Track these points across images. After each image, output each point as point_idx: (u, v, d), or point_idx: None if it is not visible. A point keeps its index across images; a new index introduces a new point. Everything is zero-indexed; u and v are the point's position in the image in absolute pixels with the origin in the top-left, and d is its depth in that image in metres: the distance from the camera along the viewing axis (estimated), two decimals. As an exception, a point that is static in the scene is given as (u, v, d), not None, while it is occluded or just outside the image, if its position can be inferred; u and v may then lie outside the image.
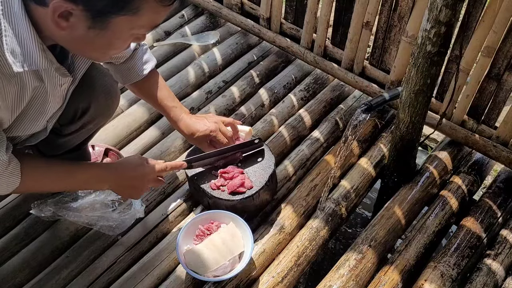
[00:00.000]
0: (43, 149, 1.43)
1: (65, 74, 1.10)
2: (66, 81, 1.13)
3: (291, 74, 2.07)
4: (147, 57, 1.44)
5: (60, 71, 1.07)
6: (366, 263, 1.49)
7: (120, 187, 1.34)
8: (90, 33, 0.94)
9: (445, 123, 1.74)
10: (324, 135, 1.85)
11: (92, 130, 1.44)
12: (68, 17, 0.91)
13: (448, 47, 1.34)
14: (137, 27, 0.97)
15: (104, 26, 0.93)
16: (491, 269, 1.49)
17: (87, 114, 1.32)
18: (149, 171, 1.34)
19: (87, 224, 1.50)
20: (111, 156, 1.68)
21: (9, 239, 1.52)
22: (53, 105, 1.16)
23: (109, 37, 0.96)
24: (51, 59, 1.02)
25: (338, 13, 1.85)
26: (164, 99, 1.48)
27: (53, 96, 1.12)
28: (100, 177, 1.30)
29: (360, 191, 1.70)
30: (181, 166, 1.44)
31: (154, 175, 1.36)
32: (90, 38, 0.96)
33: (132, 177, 1.33)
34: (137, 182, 1.34)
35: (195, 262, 1.39)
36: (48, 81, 1.07)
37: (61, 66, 1.07)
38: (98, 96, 1.31)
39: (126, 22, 0.94)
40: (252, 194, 1.50)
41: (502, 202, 1.66)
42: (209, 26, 2.27)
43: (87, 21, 0.92)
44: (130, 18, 0.93)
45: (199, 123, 1.50)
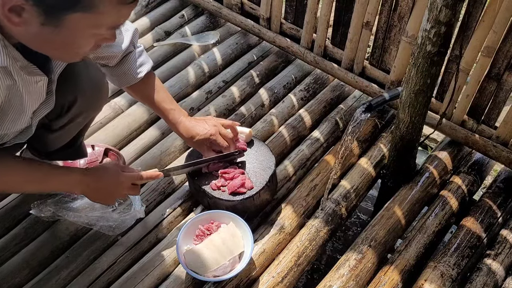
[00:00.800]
0: (38, 147, 1.43)
1: (33, 72, 1.07)
2: (41, 79, 1.10)
3: (291, 74, 2.07)
4: (142, 59, 1.44)
5: (27, 69, 1.04)
6: (366, 263, 1.49)
7: (92, 192, 1.33)
8: (45, 30, 0.91)
9: (445, 123, 1.74)
10: (324, 135, 1.85)
11: (82, 123, 1.41)
12: (21, 12, 0.88)
13: (448, 47, 1.34)
14: (95, 25, 0.94)
15: (59, 23, 0.91)
16: (491, 269, 1.49)
17: (74, 107, 1.30)
18: (124, 179, 1.34)
19: (87, 224, 1.50)
20: (111, 156, 1.68)
21: (9, 239, 1.52)
22: (31, 103, 1.14)
23: (66, 35, 0.94)
24: (15, 56, 0.99)
25: (338, 13, 1.85)
26: (162, 101, 1.48)
27: (28, 93, 1.10)
28: (74, 181, 1.29)
29: (360, 191, 1.70)
30: (157, 176, 1.42)
31: (128, 183, 1.36)
32: (46, 36, 0.93)
33: (105, 183, 1.33)
34: (112, 188, 1.34)
35: (195, 262, 1.39)
36: (19, 79, 1.04)
37: (29, 64, 1.04)
38: (84, 88, 1.29)
39: (81, 19, 0.91)
40: (252, 194, 1.50)
41: (502, 202, 1.66)
42: (209, 26, 2.27)
43: (39, 17, 0.89)
44: (86, 16, 0.91)
45: (199, 126, 1.50)
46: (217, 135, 1.51)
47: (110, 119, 1.87)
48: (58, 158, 1.52)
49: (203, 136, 1.49)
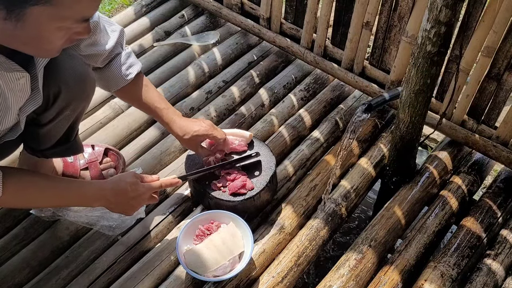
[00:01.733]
0: (32, 145, 1.41)
1: (11, 68, 1.05)
2: (23, 76, 1.09)
3: (291, 74, 2.07)
4: (131, 61, 1.43)
5: (4, 65, 1.03)
6: (366, 263, 1.49)
7: (114, 205, 1.33)
8: (8, 25, 0.90)
9: (445, 123, 1.74)
10: (324, 135, 1.85)
11: (72, 116, 1.38)
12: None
13: (448, 47, 1.34)
14: (59, 18, 0.93)
15: (20, 17, 0.90)
16: (491, 269, 1.49)
17: (59, 98, 1.28)
18: (144, 190, 1.34)
19: (87, 224, 1.50)
20: (111, 156, 1.68)
21: (9, 239, 1.52)
22: (16, 100, 1.13)
23: (30, 29, 0.93)
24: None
25: (338, 13, 1.85)
26: (155, 101, 1.47)
27: (10, 91, 1.09)
28: (95, 197, 1.30)
29: (360, 191, 1.70)
30: (176, 183, 1.43)
31: (149, 194, 1.36)
32: (11, 31, 0.92)
33: (128, 197, 1.33)
34: (133, 201, 1.34)
35: (195, 262, 1.39)
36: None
37: (6, 60, 1.03)
38: (67, 79, 1.27)
39: (42, 12, 0.90)
40: (253, 195, 1.50)
41: (502, 202, 1.66)
42: (209, 26, 2.27)
43: (0, 11, 0.88)
44: (46, 8, 0.89)
45: (193, 124, 1.50)
46: (212, 130, 1.51)
47: (110, 119, 1.87)
48: (55, 155, 1.49)
49: (197, 133, 1.48)
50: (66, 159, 1.62)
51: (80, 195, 1.30)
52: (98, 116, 1.86)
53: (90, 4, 0.95)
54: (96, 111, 1.87)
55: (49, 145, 1.41)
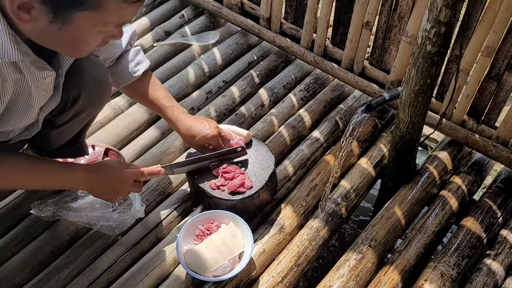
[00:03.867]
0: (39, 144, 1.43)
1: (43, 67, 1.08)
2: (50, 75, 1.12)
3: (291, 74, 2.07)
4: (139, 58, 1.44)
5: (36, 64, 1.06)
6: (366, 263, 1.49)
7: (96, 189, 1.33)
8: (53, 27, 0.93)
9: (445, 123, 1.74)
10: (324, 135, 1.85)
11: (85, 120, 1.42)
12: (30, 9, 0.90)
13: (448, 47, 1.34)
14: (102, 23, 0.96)
15: (66, 21, 0.92)
16: (491, 269, 1.49)
17: (78, 102, 1.31)
18: (128, 176, 1.35)
19: (87, 224, 1.50)
20: (111, 156, 1.68)
21: (9, 239, 1.52)
22: (39, 98, 1.15)
23: (74, 32, 0.95)
24: (26, 51, 1.01)
25: (338, 13, 1.85)
26: (161, 98, 1.47)
27: (36, 89, 1.11)
28: (81, 179, 1.30)
29: (360, 191, 1.70)
30: (158, 172, 1.43)
31: (131, 180, 1.36)
32: (54, 33, 0.95)
33: (111, 181, 1.34)
34: (116, 186, 1.35)
35: (195, 262, 1.39)
36: (28, 74, 1.06)
37: (39, 59, 1.06)
38: (88, 84, 1.30)
39: (89, 17, 0.93)
40: (252, 194, 1.50)
41: (502, 202, 1.66)
42: (209, 26, 2.27)
43: (48, 15, 0.91)
44: (93, 14, 0.92)
45: (200, 126, 1.49)
46: (218, 136, 1.51)
47: (110, 119, 1.87)
48: (60, 156, 1.52)
49: (204, 136, 1.48)
50: (67, 158, 1.62)
51: (66, 178, 1.30)
52: (98, 116, 1.84)
53: (133, 10, 0.97)
54: (96, 111, 1.87)
55: (57, 146, 1.42)
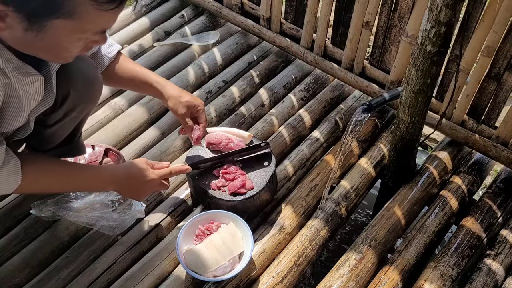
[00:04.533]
0: (35, 145, 1.42)
1: (28, 73, 1.07)
2: (37, 79, 1.11)
3: (291, 74, 2.07)
4: (110, 41, 1.43)
5: (20, 70, 1.05)
6: (366, 263, 1.49)
7: (125, 189, 1.36)
8: (29, 35, 0.92)
9: (445, 123, 1.74)
10: (324, 135, 1.85)
11: (78, 118, 1.41)
12: (4, 17, 0.89)
13: (448, 47, 1.34)
14: (79, 31, 0.95)
15: (41, 29, 0.92)
16: (491, 269, 1.49)
17: (67, 100, 1.31)
18: (154, 177, 1.37)
19: (87, 224, 1.50)
20: (111, 156, 1.68)
21: (9, 239, 1.52)
22: (29, 103, 1.15)
23: (51, 40, 0.95)
24: (8, 57, 1.00)
25: (338, 13, 1.85)
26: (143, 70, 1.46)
27: (25, 94, 1.11)
28: (108, 180, 1.33)
29: (360, 191, 1.70)
30: (186, 170, 1.46)
31: (159, 180, 1.39)
32: (31, 41, 0.94)
33: (139, 182, 1.36)
34: (143, 186, 1.37)
35: (195, 262, 1.39)
36: (14, 79, 1.05)
37: (23, 65, 1.05)
38: (76, 82, 1.29)
39: (64, 25, 0.92)
40: (252, 195, 1.50)
41: (502, 202, 1.66)
42: (209, 26, 2.27)
43: (22, 22, 0.90)
44: (68, 22, 0.91)
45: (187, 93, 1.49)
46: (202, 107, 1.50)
47: (110, 119, 1.87)
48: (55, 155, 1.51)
49: (192, 101, 1.46)
50: (67, 159, 1.62)
51: (95, 179, 1.33)
52: (98, 116, 1.86)
53: (111, 17, 0.96)
54: (96, 111, 1.87)
55: (52, 146, 1.42)
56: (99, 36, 1.01)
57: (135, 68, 1.46)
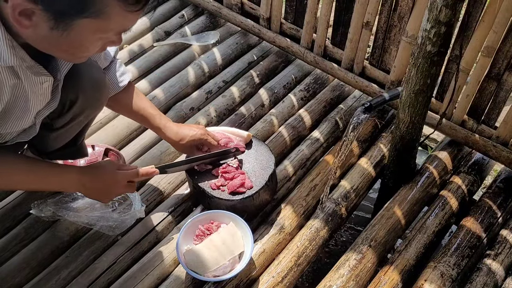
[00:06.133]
0: (38, 146, 1.43)
1: (39, 73, 1.08)
2: (47, 80, 1.12)
3: (291, 74, 2.07)
4: (123, 69, 1.46)
5: (33, 69, 1.06)
6: (366, 263, 1.49)
7: (90, 190, 1.33)
8: (54, 33, 0.93)
9: (445, 123, 1.74)
10: (324, 135, 1.85)
11: (83, 123, 1.42)
12: (31, 16, 0.90)
13: (448, 47, 1.34)
14: (103, 30, 0.96)
15: (67, 28, 0.92)
16: (491, 269, 1.49)
17: (75, 106, 1.32)
18: (120, 178, 1.35)
19: (87, 224, 1.50)
20: (111, 156, 1.68)
21: (9, 239, 1.52)
22: (36, 103, 1.15)
23: (74, 39, 0.95)
24: (22, 56, 1.01)
25: (338, 13, 1.85)
26: (147, 108, 1.49)
27: (33, 94, 1.11)
28: (73, 181, 1.30)
29: (360, 191, 1.70)
30: (153, 173, 1.43)
31: (125, 182, 1.36)
32: (55, 39, 0.95)
33: (104, 184, 1.33)
34: (108, 188, 1.35)
35: (195, 262, 1.39)
36: (25, 79, 1.06)
37: (36, 64, 1.05)
38: (85, 87, 1.30)
39: (90, 24, 0.93)
40: (252, 194, 1.50)
41: (502, 202, 1.66)
42: (209, 26, 2.27)
43: (49, 21, 0.91)
44: (94, 21, 0.92)
45: (187, 129, 1.52)
46: (206, 135, 1.53)
47: (110, 119, 1.87)
48: (59, 157, 1.52)
49: (193, 137, 1.50)
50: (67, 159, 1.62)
51: (58, 179, 1.29)
52: (98, 116, 1.84)
53: (134, 17, 0.97)
54: (96, 111, 1.87)
55: (55, 148, 1.42)
56: (117, 37, 1.02)
57: (142, 105, 1.48)
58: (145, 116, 1.48)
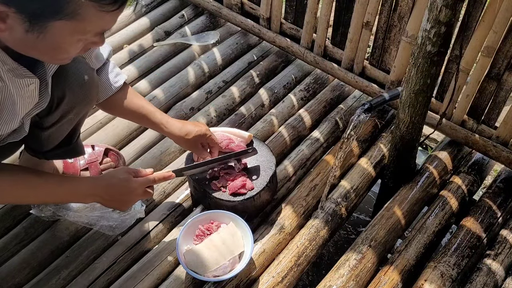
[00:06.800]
0: (34, 146, 1.42)
1: (23, 75, 1.06)
2: (33, 82, 1.10)
3: (291, 74, 2.07)
4: (117, 70, 1.44)
5: (15, 72, 1.04)
6: (366, 263, 1.49)
7: (107, 201, 1.33)
8: (29, 36, 0.92)
9: (445, 123, 1.74)
10: (324, 135, 1.85)
11: (74, 120, 1.40)
12: (5, 19, 0.89)
13: (448, 47, 1.34)
14: (81, 32, 0.95)
15: (43, 30, 0.92)
16: (491, 269, 1.49)
17: (63, 103, 1.30)
18: (137, 186, 1.34)
19: (87, 224, 1.50)
20: (111, 156, 1.68)
21: (9, 239, 1.52)
22: (24, 105, 1.14)
23: (51, 41, 0.95)
24: (4, 59, 1.00)
25: (338, 13, 1.85)
26: (145, 105, 1.47)
27: (19, 97, 1.10)
28: (87, 193, 1.29)
29: (360, 191, 1.70)
30: (169, 177, 1.42)
31: (142, 188, 1.35)
32: (31, 42, 0.94)
33: (120, 193, 1.32)
34: (125, 197, 1.34)
35: (195, 262, 1.39)
36: (9, 82, 1.05)
37: (18, 66, 1.04)
38: (71, 83, 1.28)
39: (65, 26, 0.92)
40: (253, 195, 1.50)
41: (502, 202, 1.66)
42: (209, 26, 2.27)
43: (24, 24, 0.90)
44: (69, 23, 0.92)
45: (192, 125, 1.50)
46: (210, 132, 1.51)
47: (110, 119, 1.87)
48: (55, 157, 1.50)
49: (199, 133, 1.48)
50: (67, 159, 1.62)
51: (72, 192, 1.29)
52: (98, 116, 1.86)
53: (112, 18, 0.97)
54: (96, 111, 1.87)
55: (51, 147, 1.41)
56: (98, 38, 1.01)
57: (140, 103, 1.46)
58: (144, 113, 1.46)
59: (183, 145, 1.53)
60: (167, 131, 1.48)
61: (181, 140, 1.49)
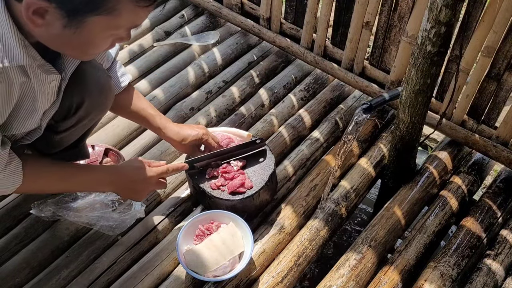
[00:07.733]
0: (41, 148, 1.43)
1: (49, 71, 1.09)
2: (55, 79, 1.12)
3: (291, 74, 2.07)
4: (123, 70, 1.46)
5: (43, 68, 1.06)
6: (366, 263, 1.49)
7: (122, 190, 1.37)
8: (66, 31, 0.94)
9: (445, 123, 1.74)
10: (324, 135, 1.85)
11: (88, 126, 1.43)
12: (44, 14, 0.90)
13: (448, 47, 1.34)
14: (114, 27, 0.97)
15: (80, 25, 0.93)
16: (491, 269, 1.49)
17: (81, 109, 1.32)
18: (151, 175, 1.37)
19: (87, 224, 1.50)
20: (111, 156, 1.68)
21: (9, 239, 1.52)
22: (44, 102, 1.16)
23: (86, 36, 0.96)
24: (34, 55, 1.02)
25: (338, 13, 1.85)
26: (147, 108, 1.49)
27: (41, 93, 1.12)
28: (104, 181, 1.33)
29: (360, 191, 1.70)
30: (182, 168, 1.46)
31: (156, 179, 1.39)
32: (67, 37, 0.95)
33: (134, 181, 1.36)
34: (140, 185, 1.37)
35: (195, 262, 1.39)
36: (34, 78, 1.06)
37: (46, 63, 1.06)
38: (91, 90, 1.31)
39: (102, 22, 0.94)
40: (252, 194, 1.50)
41: (502, 202, 1.66)
42: (209, 26, 2.27)
43: (62, 19, 0.91)
44: (106, 18, 0.93)
45: (188, 129, 1.52)
46: (207, 135, 1.53)
47: (110, 119, 1.87)
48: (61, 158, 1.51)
49: (195, 137, 1.50)
50: None
51: (93, 181, 1.34)
52: (98, 116, 1.86)
53: (145, 13, 0.98)
54: (96, 111, 1.87)
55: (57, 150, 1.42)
56: (127, 33, 1.03)
57: (142, 105, 1.49)
58: (145, 116, 1.49)
59: (180, 150, 1.56)
60: (165, 137, 1.52)
61: (178, 145, 1.52)
